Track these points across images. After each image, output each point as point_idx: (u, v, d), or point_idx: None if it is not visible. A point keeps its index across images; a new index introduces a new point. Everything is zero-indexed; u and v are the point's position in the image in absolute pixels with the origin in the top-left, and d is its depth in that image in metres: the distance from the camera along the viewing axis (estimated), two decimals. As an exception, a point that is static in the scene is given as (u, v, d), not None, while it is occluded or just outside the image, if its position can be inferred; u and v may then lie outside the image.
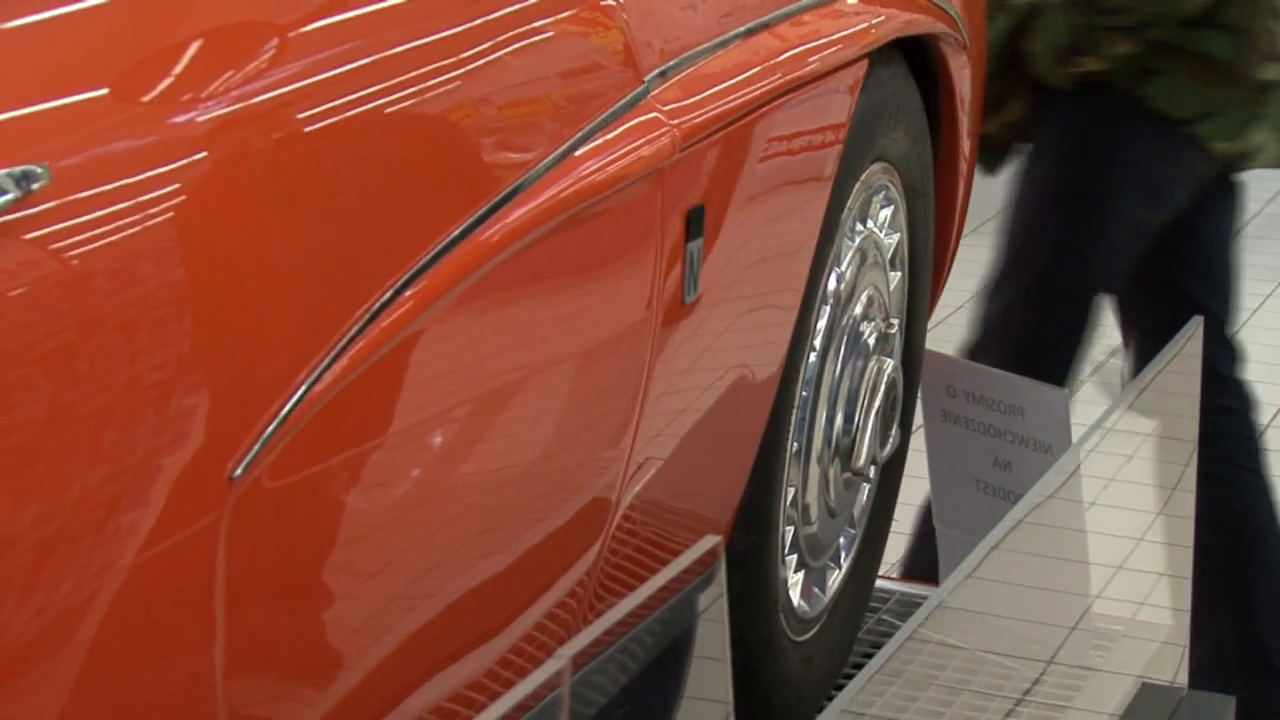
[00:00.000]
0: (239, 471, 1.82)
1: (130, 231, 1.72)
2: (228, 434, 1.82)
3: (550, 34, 2.33)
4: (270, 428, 1.85)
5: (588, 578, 2.50)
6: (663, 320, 2.51)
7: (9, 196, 1.60)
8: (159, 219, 1.75)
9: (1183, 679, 3.22)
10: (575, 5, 2.38)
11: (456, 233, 2.09)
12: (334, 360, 1.93)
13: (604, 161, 2.33)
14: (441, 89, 2.12)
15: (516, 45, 2.26)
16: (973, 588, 2.81)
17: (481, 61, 2.19)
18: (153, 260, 1.73)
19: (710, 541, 1.80)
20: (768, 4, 2.74)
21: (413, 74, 2.08)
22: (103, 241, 1.69)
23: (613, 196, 2.35)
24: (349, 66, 2.01)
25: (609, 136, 2.35)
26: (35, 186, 1.63)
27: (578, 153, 2.29)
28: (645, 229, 2.44)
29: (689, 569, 1.85)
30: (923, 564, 3.84)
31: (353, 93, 2.00)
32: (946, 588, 2.83)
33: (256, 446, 1.84)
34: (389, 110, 2.04)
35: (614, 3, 2.43)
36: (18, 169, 1.61)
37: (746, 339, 2.77)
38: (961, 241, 3.67)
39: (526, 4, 2.31)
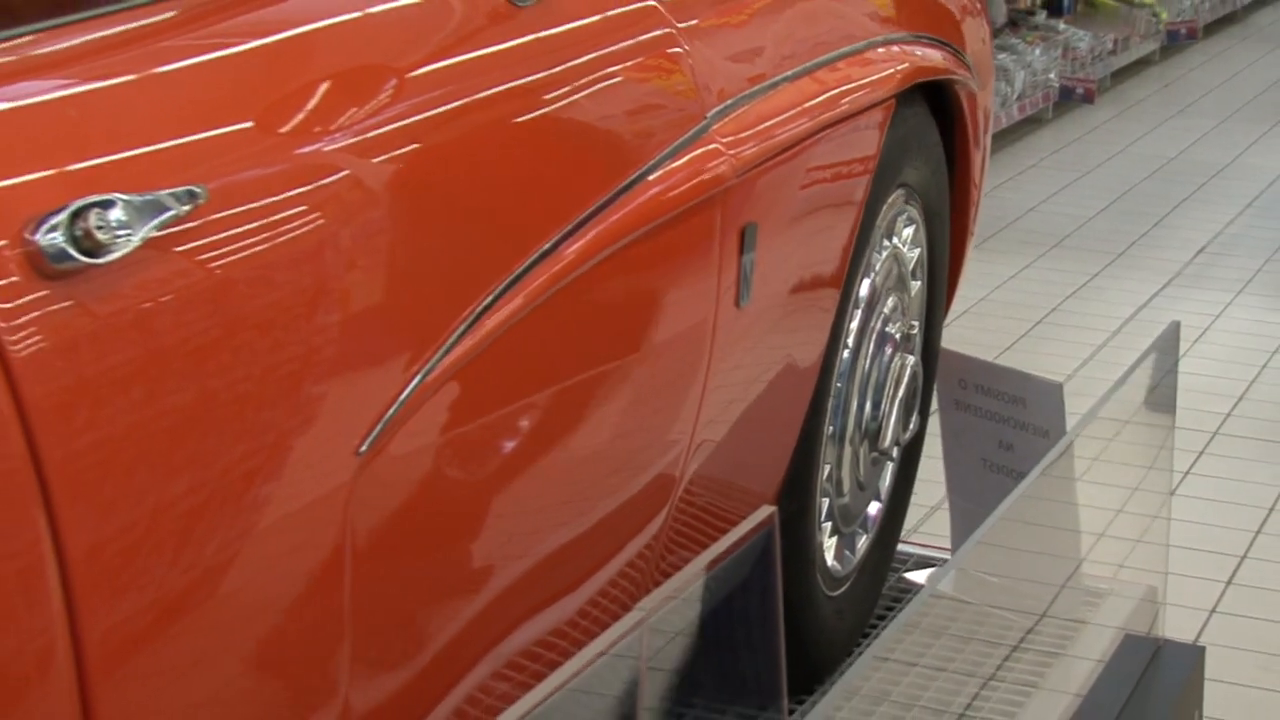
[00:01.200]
0: (364, 448, 1.82)
1: (273, 242, 1.72)
2: (355, 416, 1.82)
3: (631, 78, 2.33)
4: (390, 411, 1.85)
5: (655, 540, 2.50)
6: (721, 321, 2.50)
7: (173, 212, 1.61)
8: (296, 231, 1.75)
9: (1158, 631, 3.20)
10: (651, 55, 2.39)
11: (548, 245, 2.09)
12: (444, 354, 1.93)
13: (672, 185, 2.33)
14: (538, 122, 2.12)
15: (603, 85, 2.27)
16: (981, 552, 2.80)
17: (574, 98, 2.20)
18: (292, 266, 1.74)
19: (766, 511, 1.80)
20: (809, 52, 2.74)
21: (513, 110, 2.09)
22: (250, 250, 1.70)
23: (680, 215, 2.35)
24: (458, 103, 2.02)
25: (677, 164, 2.35)
26: (196, 204, 1.63)
27: (651, 177, 2.29)
28: (707, 243, 2.44)
29: (746, 534, 1.85)
30: None
31: (462, 127, 2.00)
32: (960, 553, 2.83)
33: (379, 427, 1.84)
34: (495, 141, 2.04)
35: (682, 51, 2.43)
36: (182, 189, 1.62)
37: (791, 338, 2.76)
38: (970, 255, 3.66)
39: (612, 52, 2.31)
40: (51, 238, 1.51)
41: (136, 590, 1.58)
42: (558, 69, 2.20)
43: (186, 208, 1.62)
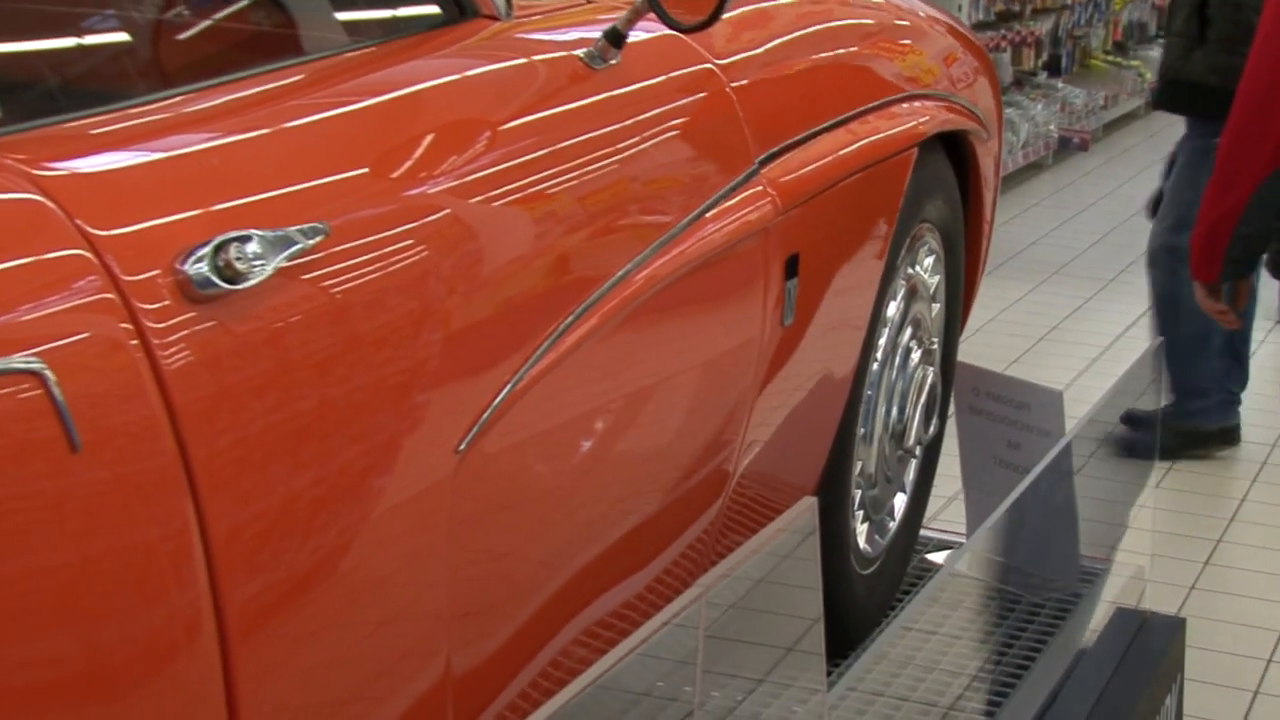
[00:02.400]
0: (462, 446, 1.82)
1: (384, 270, 1.73)
2: (454, 420, 1.82)
3: (690, 129, 2.33)
4: (484, 415, 1.85)
5: (711, 526, 2.49)
6: (768, 338, 2.50)
7: (300, 245, 1.61)
8: (404, 262, 1.75)
9: (1145, 604, 3.19)
10: (707, 109, 2.38)
11: (620, 272, 2.09)
12: (531, 366, 1.93)
13: (727, 221, 2.33)
14: (612, 167, 2.12)
15: (667, 135, 2.27)
16: (991, 537, 2.79)
17: (642, 146, 2.19)
18: (401, 291, 1.74)
19: (809, 501, 1.79)
20: (843, 107, 2.73)
21: (590, 157, 2.09)
22: (365, 278, 1.70)
23: (733, 247, 2.34)
24: (543, 151, 2.01)
25: (730, 203, 2.35)
26: (319, 239, 1.63)
27: (708, 214, 2.29)
28: (756, 271, 2.43)
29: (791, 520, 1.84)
30: None
31: (546, 171, 2.00)
32: (974, 537, 2.82)
33: (475, 429, 1.84)
34: (574, 183, 2.04)
35: (734, 106, 2.43)
36: (308, 225, 1.62)
37: (828, 352, 2.75)
38: (982, 281, 3.65)
39: (675, 107, 2.31)
40: (198, 267, 1.52)
41: (269, 568, 1.59)
42: (628, 121, 2.20)
43: (312, 241, 1.63)
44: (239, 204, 1.61)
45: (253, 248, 1.56)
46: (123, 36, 1.91)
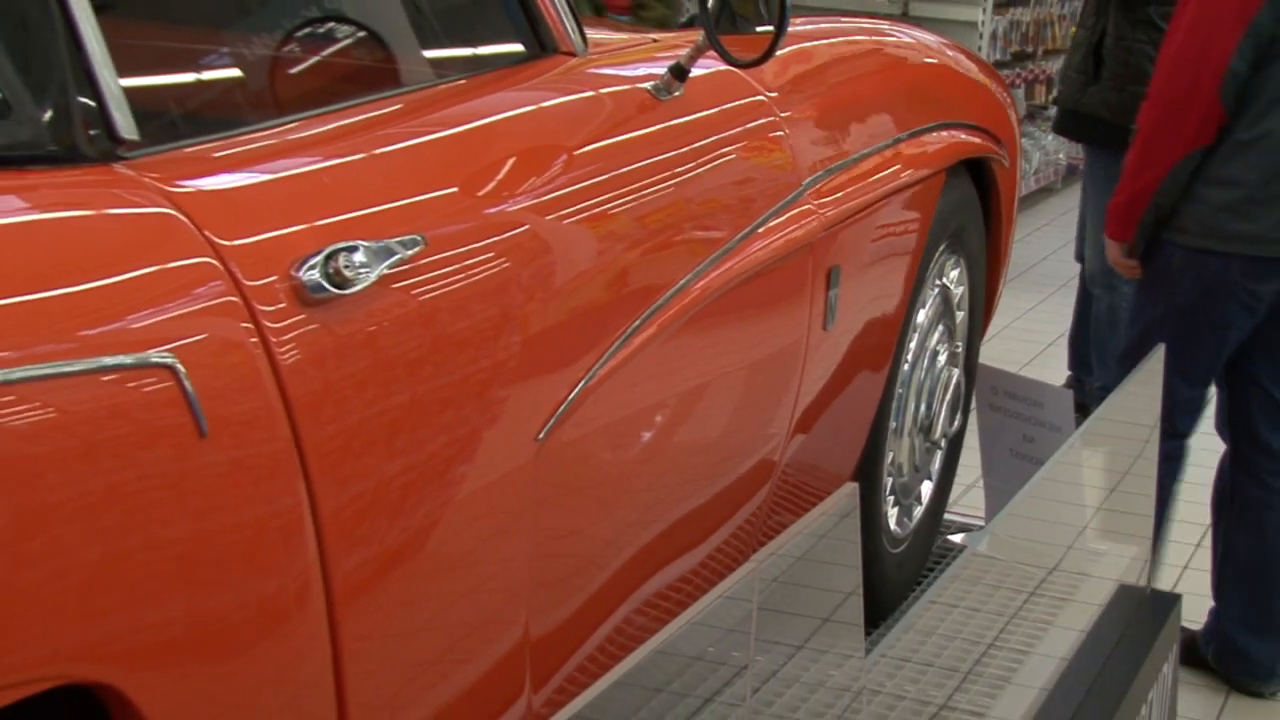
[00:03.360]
0: (542, 435, 1.82)
1: (473, 278, 1.73)
2: (534, 412, 1.82)
3: (744, 154, 2.33)
4: (561, 408, 1.85)
5: (759, 509, 2.49)
6: (812, 341, 2.49)
7: (400, 255, 1.61)
8: (490, 270, 1.76)
9: (1144, 582, 3.17)
10: (759, 137, 2.39)
11: (682, 281, 2.09)
12: (602, 364, 1.93)
13: (776, 237, 2.32)
14: (675, 188, 2.12)
15: (725, 159, 2.27)
16: (1008, 521, 2.78)
17: (702, 169, 2.19)
18: (487, 297, 1.74)
19: (850, 487, 1.78)
20: (880, 136, 2.73)
21: (656, 178, 2.09)
22: (457, 284, 1.71)
23: (781, 260, 2.34)
24: (614, 173, 2.02)
25: (779, 220, 2.35)
26: (416, 249, 1.64)
27: (759, 230, 2.29)
28: (801, 281, 2.43)
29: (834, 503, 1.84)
30: None
31: (616, 191, 2.00)
32: (993, 521, 2.81)
33: (552, 420, 1.84)
34: (641, 202, 2.04)
35: (783, 134, 2.42)
36: (407, 237, 1.63)
37: (864, 354, 2.74)
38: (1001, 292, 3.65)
39: (731, 134, 2.31)
40: (310, 274, 1.52)
41: (370, 542, 1.59)
42: (689, 147, 2.20)
43: (410, 252, 1.63)
44: (347, 218, 1.62)
45: (359, 257, 1.56)
46: (244, 69, 1.92)
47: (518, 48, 2.11)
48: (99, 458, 1.28)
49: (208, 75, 1.89)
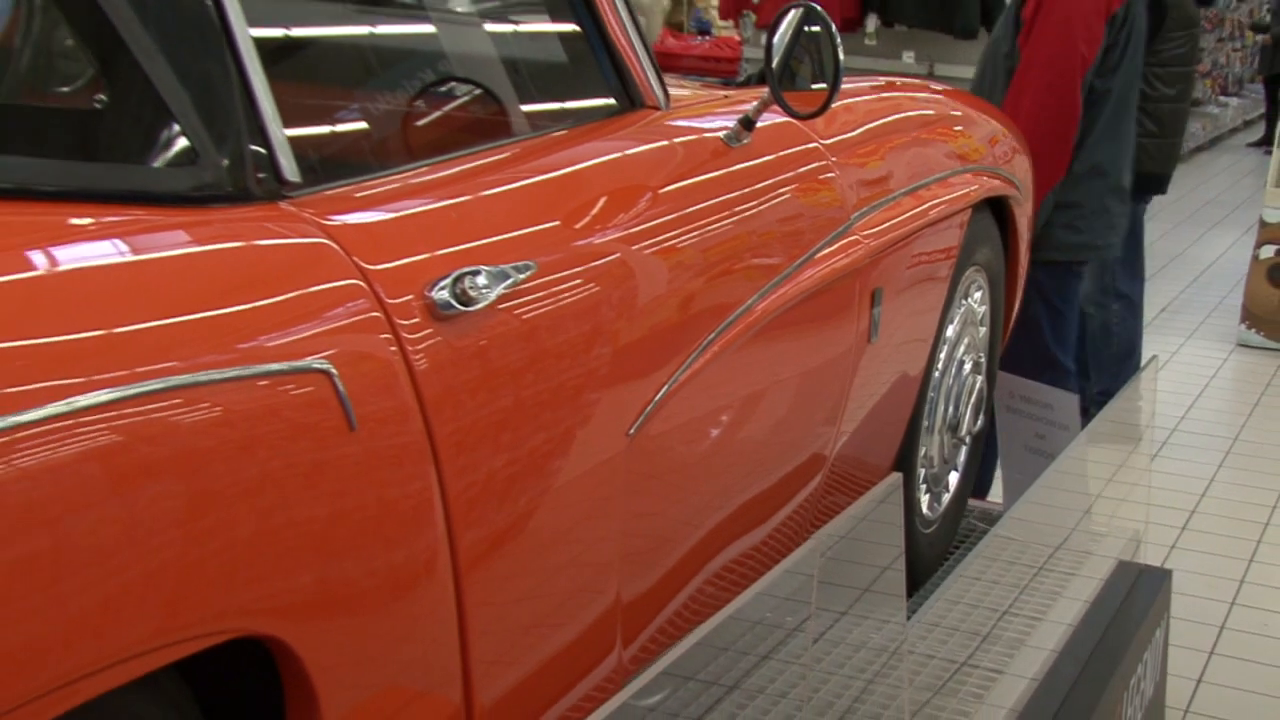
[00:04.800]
0: (632, 430, 1.83)
1: (575, 297, 1.73)
2: (626, 410, 1.83)
3: (801, 192, 2.33)
4: (648, 408, 1.86)
5: (811, 496, 2.48)
6: (858, 352, 2.48)
7: (515, 279, 1.62)
8: (589, 291, 1.76)
9: (1139, 559, 3.15)
10: (813, 178, 2.38)
11: (750, 300, 2.09)
12: (684, 370, 1.93)
13: (828, 263, 2.32)
14: (743, 221, 2.12)
15: (785, 197, 2.26)
16: (1023, 507, 2.77)
17: (766, 205, 2.19)
18: (586, 314, 1.75)
19: (896, 477, 1.78)
20: (916, 177, 2.71)
21: (727, 213, 2.09)
22: (561, 303, 1.71)
23: (832, 282, 2.33)
24: (692, 209, 2.02)
25: (830, 249, 2.34)
26: (528, 273, 1.64)
27: (815, 257, 2.28)
28: (850, 301, 2.42)
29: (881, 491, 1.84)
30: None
31: (694, 224, 2.00)
32: (1013, 507, 2.80)
33: (641, 417, 1.84)
34: (715, 234, 2.04)
35: (834, 175, 2.42)
36: (520, 263, 1.63)
37: (902, 363, 2.73)
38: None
39: (790, 175, 2.30)
40: (441, 294, 1.53)
41: (489, 519, 1.60)
42: (755, 186, 2.19)
43: (523, 275, 1.64)
44: (471, 246, 1.63)
45: (481, 279, 1.57)
46: (385, 122, 1.94)
47: (611, 103, 2.11)
48: (269, 447, 1.30)
49: (355, 126, 1.91)
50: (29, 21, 1.44)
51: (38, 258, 1.22)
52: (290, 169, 1.50)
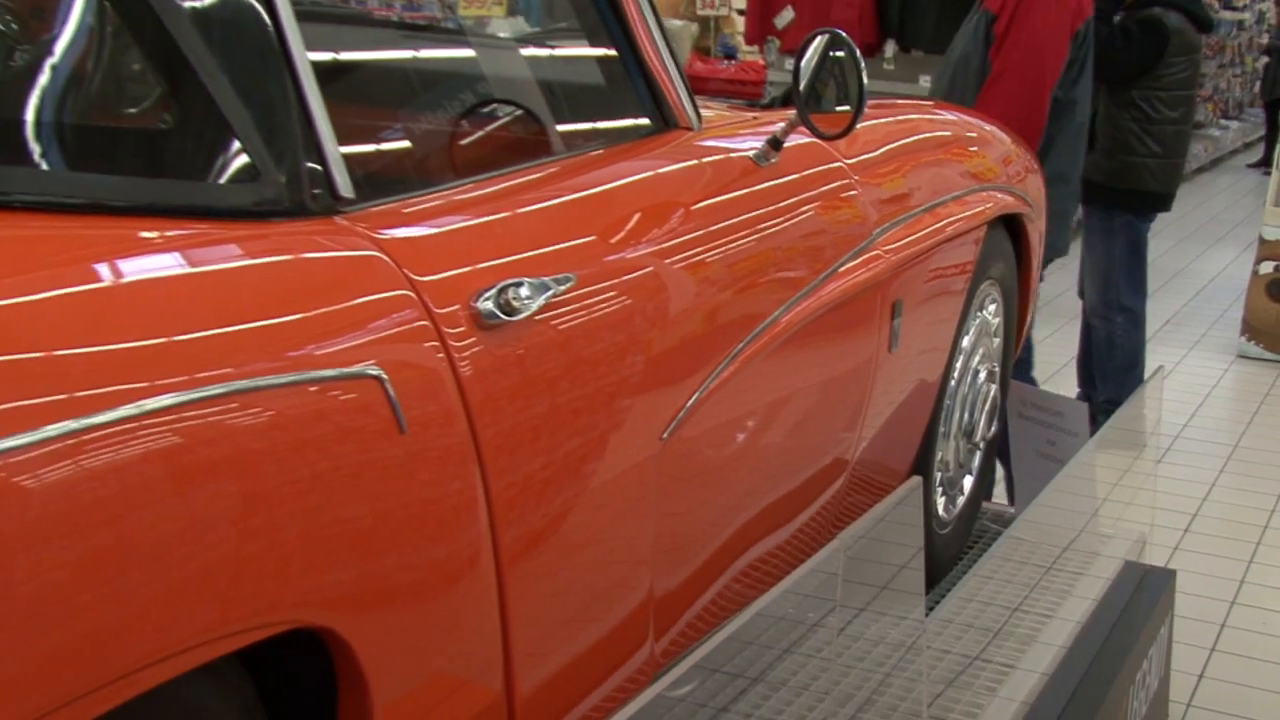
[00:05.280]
0: (665, 434, 1.82)
1: (610, 309, 1.73)
2: (660, 415, 1.82)
3: (826, 209, 2.32)
4: (680, 413, 1.85)
5: (833, 498, 2.47)
6: (880, 361, 2.47)
7: (554, 290, 1.62)
8: (624, 303, 1.75)
9: (1144, 560, 3.13)
10: (837, 195, 2.37)
11: (778, 311, 2.08)
12: (714, 377, 1.93)
13: (851, 276, 2.31)
14: (771, 237, 2.12)
15: (810, 214, 2.26)
16: (1035, 509, 2.76)
17: (793, 221, 2.19)
18: (621, 324, 1.74)
19: (916, 480, 1.77)
20: (934, 195, 2.70)
21: (756, 229, 2.08)
22: (598, 314, 1.71)
23: (856, 295, 2.32)
24: (722, 224, 2.01)
25: (854, 263, 2.33)
26: (568, 285, 1.64)
27: (838, 271, 2.27)
28: (872, 312, 2.41)
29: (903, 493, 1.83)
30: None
31: (724, 239, 2.00)
32: (1026, 511, 2.78)
33: (674, 422, 1.84)
34: (744, 249, 2.03)
35: (856, 193, 2.41)
36: (560, 275, 1.63)
37: (920, 372, 2.72)
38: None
39: (816, 193, 2.30)
40: (486, 304, 1.53)
41: (529, 516, 1.59)
42: (782, 204, 2.19)
43: (563, 287, 1.64)
44: (514, 259, 1.63)
45: (524, 290, 1.57)
46: (433, 141, 1.94)
47: (646, 123, 2.11)
48: (324, 448, 1.30)
49: (405, 145, 1.91)
50: (101, 47, 1.44)
51: (111, 269, 1.22)
52: (344, 185, 1.50)
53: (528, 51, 2.32)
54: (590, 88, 2.23)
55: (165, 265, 1.28)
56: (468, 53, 2.34)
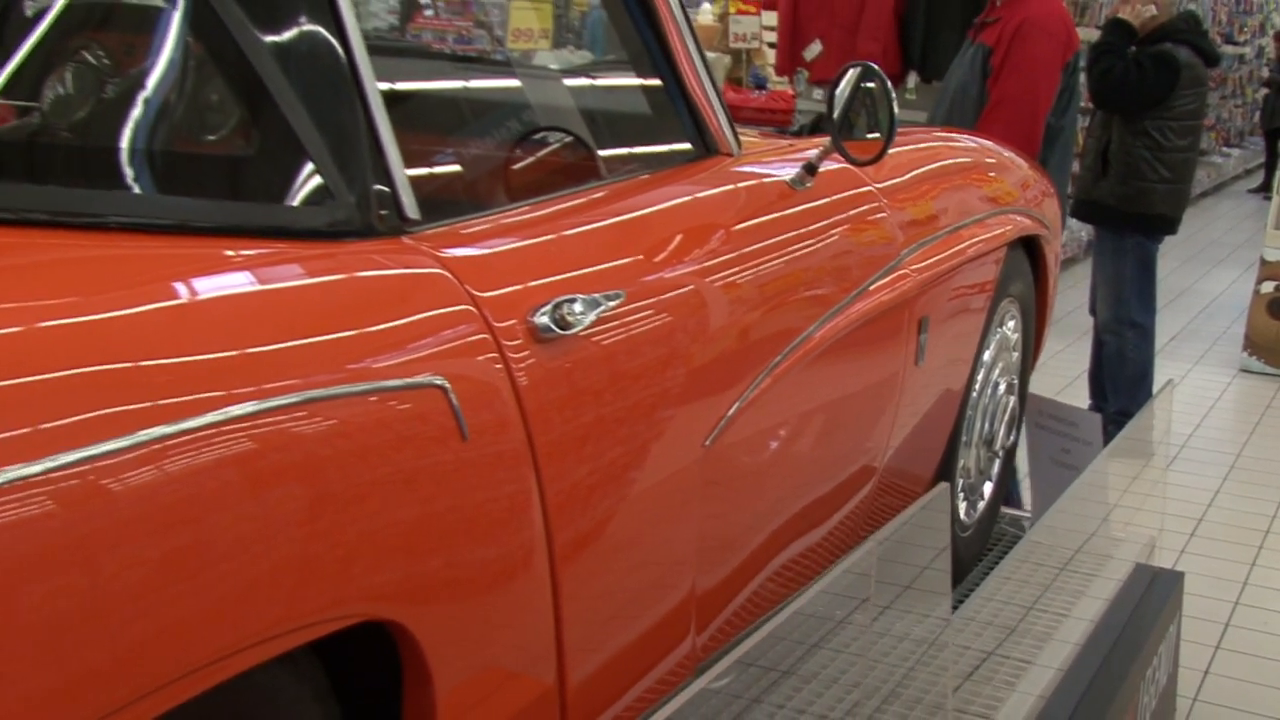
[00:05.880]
0: (708, 441, 1.82)
1: (656, 323, 1.72)
2: (703, 423, 1.81)
3: (857, 230, 2.31)
4: (722, 422, 1.84)
5: (862, 503, 2.46)
6: (907, 374, 2.46)
7: (605, 306, 1.61)
8: (668, 318, 1.75)
9: (1154, 562, 3.11)
10: (868, 218, 2.36)
11: (812, 327, 2.07)
12: (754, 388, 1.92)
13: (881, 295, 2.30)
14: (806, 256, 2.11)
15: (843, 235, 2.25)
16: (1051, 515, 2.74)
17: (826, 242, 2.18)
18: (666, 338, 1.74)
19: (943, 487, 1.76)
20: (957, 218, 2.69)
21: (792, 249, 2.08)
22: (645, 328, 1.70)
23: (884, 311, 2.31)
24: (760, 244, 2.00)
25: (882, 282, 2.32)
26: (617, 301, 1.64)
27: (869, 289, 2.26)
28: (899, 328, 2.40)
29: (925, 500, 1.82)
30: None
31: (762, 259, 1.99)
32: (1044, 515, 2.76)
33: (716, 429, 1.83)
34: (780, 268, 2.03)
35: (885, 216, 2.40)
36: (610, 292, 1.63)
37: (945, 384, 2.70)
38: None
39: (848, 216, 2.29)
40: (542, 318, 1.53)
41: (582, 518, 1.59)
42: (817, 225, 2.18)
43: (613, 303, 1.63)
44: (568, 276, 1.62)
45: (578, 306, 1.57)
46: (491, 167, 1.94)
47: (689, 149, 2.11)
48: (392, 453, 1.30)
49: (466, 169, 1.91)
50: (187, 79, 1.45)
51: (197, 286, 1.22)
52: (411, 207, 1.50)
53: (578, 82, 2.32)
54: (637, 116, 2.23)
55: (246, 282, 1.28)
56: (523, 83, 2.34)
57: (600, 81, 2.38)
